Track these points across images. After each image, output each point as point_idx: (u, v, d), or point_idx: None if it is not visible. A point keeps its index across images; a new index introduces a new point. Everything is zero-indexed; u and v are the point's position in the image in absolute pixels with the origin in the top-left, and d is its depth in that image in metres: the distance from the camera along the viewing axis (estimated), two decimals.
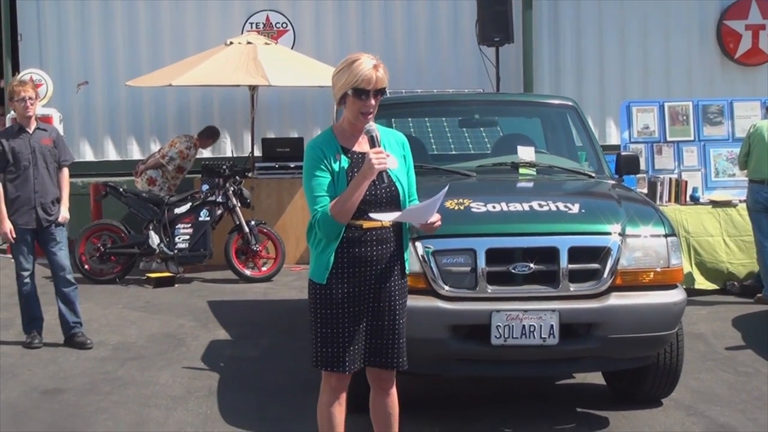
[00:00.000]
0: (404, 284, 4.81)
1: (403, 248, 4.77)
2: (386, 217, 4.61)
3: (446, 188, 4.71)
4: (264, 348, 8.45)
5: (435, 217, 4.63)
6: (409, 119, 9.12)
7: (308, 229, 4.74)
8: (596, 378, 7.04)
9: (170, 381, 7.36)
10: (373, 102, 4.59)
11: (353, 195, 4.51)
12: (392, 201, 4.64)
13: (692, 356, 7.73)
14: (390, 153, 4.64)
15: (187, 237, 12.02)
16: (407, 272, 4.84)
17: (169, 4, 15.01)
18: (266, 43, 13.54)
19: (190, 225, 12.07)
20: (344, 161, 4.61)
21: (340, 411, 4.86)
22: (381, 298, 4.70)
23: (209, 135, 13.70)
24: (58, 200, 8.42)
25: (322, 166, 4.58)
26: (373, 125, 4.63)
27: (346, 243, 4.61)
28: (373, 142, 4.58)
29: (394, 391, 4.92)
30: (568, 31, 15.39)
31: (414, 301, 5.68)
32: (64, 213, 8.42)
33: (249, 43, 13.35)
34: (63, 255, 8.43)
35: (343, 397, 4.87)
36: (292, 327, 9.25)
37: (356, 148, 4.68)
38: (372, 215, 4.58)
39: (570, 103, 8.25)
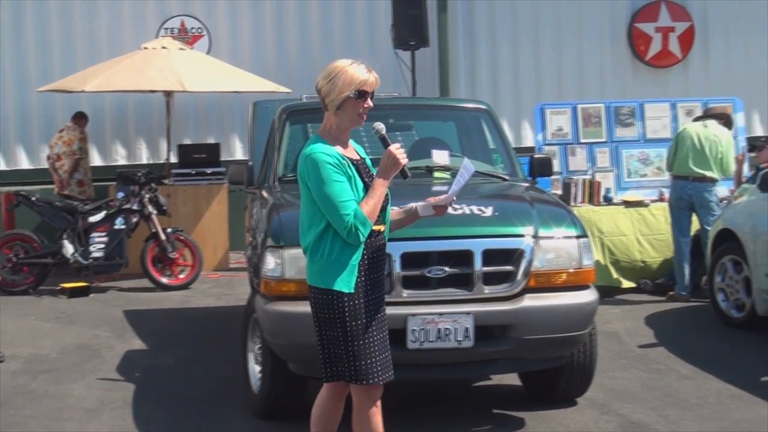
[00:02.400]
0: None
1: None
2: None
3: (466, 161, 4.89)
4: (181, 357, 8.37)
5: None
6: None
7: (315, 239, 4.56)
8: (512, 379, 7.10)
9: (84, 393, 7.24)
10: (371, 102, 4.60)
11: (382, 194, 4.54)
12: (386, 204, 4.66)
13: (606, 355, 7.84)
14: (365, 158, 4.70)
15: (103, 246, 11.86)
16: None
17: (81, 7, 14.79)
18: (181, 48, 13.44)
19: (105, 233, 11.91)
20: (352, 167, 4.58)
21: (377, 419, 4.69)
22: (384, 303, 4.69)
23: (81, 116, 13.74)
24: None
25: (341, 172, 4.50)
26: (381, 125, 4.68)
27: (365, 249, 4.55)
28: (385, 141, 4.63)
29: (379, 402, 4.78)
30: (483, 35, 15.53)
31: None
32: None
33: (164, 47, 13.24)
34: None
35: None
36: (210, 335, 9.19)
37: (347, 154, 4.62)
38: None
39: (484, 107, 8.32)
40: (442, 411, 6.68)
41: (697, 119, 10.62)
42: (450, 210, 5.63)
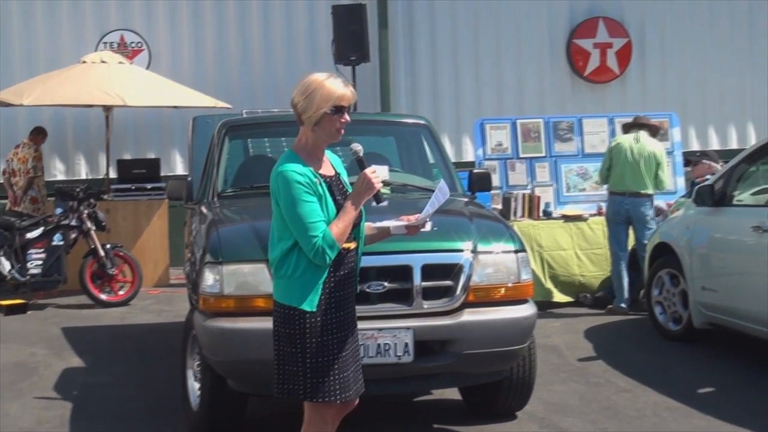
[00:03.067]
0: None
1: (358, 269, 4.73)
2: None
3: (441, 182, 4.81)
4: (119, 374, 8.29)
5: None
6: (266, 139, 9.09)
7: (281, 256, 4.47)
8: (452, 393, 7.11)
9: (20, 412, 7.14)
10: (348, 117, 4.55)
11: (353, 216, 4.45)
12: (359, 221, 4.61)
13: (546, 368, 7.90)
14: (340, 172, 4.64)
15: (40, 262, 11.73)
16: (357, 292, 4.74)
17: (18, 20, 14.63)
18: (120, 62, 13.34)
19: (43, 250, 11.77)
20: (324, 185, 4.49)
21: None
22: (354, 320, 4.64)
23: (38, 132, 13.62)
24: None
25: (311, 192, 4.41)
26: (356, 144, 4.63)
27: (331, 267, 4.48)
28: (362, 163, 4.56)
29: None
30: (423, 50, 15.61)
31: (270, 323, 5.68)
32: None
33: (103, 61, 13.14)
34: None
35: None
36: (150, 351, 9.11)
37: (323, 172, 4.54)
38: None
39: (423, 122, 8.36)
40: (383, 427, 6.68)
41: (626, 128, 10.73)
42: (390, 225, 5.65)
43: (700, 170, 10.62)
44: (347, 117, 4.54)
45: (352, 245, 4.59)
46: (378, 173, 4.49)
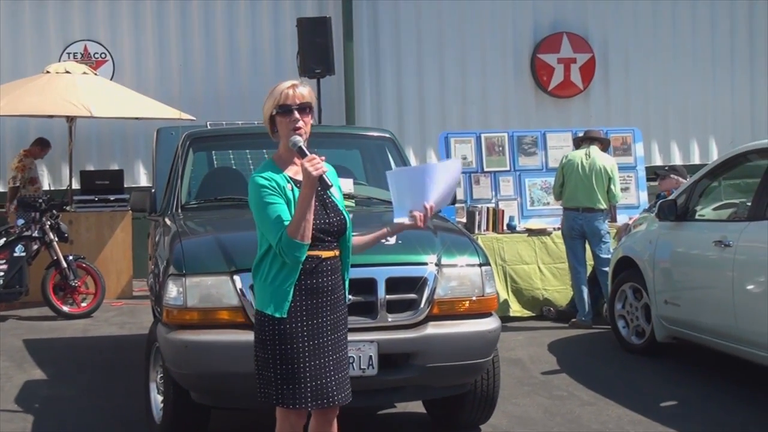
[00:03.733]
0: (346, 313, 4.77)
1: (345, 277, 4.74)
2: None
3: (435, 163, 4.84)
4: (82, 387, 8.22)
5: (431, 202, 4.71)
6: (230, 151, 9.08)
7: (256, 263, 4.57)
8: (416, 406, 7.11)
9: None
10: (298, 116, 4.53)
11: (305, 209, 4.40)
12: (342, 228, 4.63)
13: (509, 381, 7.92)
14: (325, 158, 4.57)
15: (2, 273, 11.62)
16: (347, 301, 4.78)
17: None
18: (84, 73, 13.25)
19: (4, 261, 11.66)
20: (296, 190, 4.52)
21: None
22: (336, 328, 4.64)
23: (39, 144, 13.68)
24: None
25: (276, 194, 4.48)
26: (298, 137, 4.53)
27: (303, 274, 4.50)
28: (302, 152, 4.49)
29: (335, 421, 4.84)
30: (388, 64, 15.65)
31: (233, 336, 5.68)
32: None
33: (67, 71, 13.05)
34: None
35: None
36: (113, 364, 9.05)
37: (299, 177, 4.55)
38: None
39: (388, 135, 8.38)
40: None
41: (577, 142, 10.81)
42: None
43: (668, 184, 10.69)
44: (297, 115, 4.54)
45: (328, 254, 4.60)
46: (320, 163, 4.43)
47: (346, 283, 4.77)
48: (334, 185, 4.66)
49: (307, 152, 4.48)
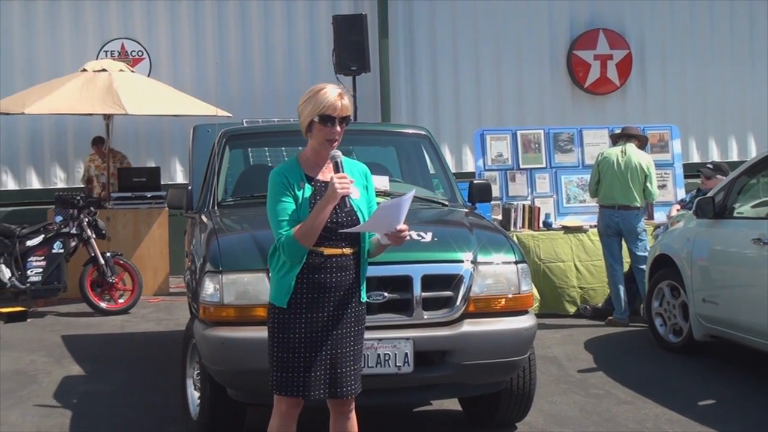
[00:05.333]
0: (362, 311, 4.82)
1: (361, 276, 4.79)
2: (354, 230, 4.66)
3: (413, 192, 4.78)
4: (119, 383, 8.27)
5: (402, 226, 4.67)
6: (266, 149, 9.11)
7: (270, 253, 4.75)
8: (452, 404, 7.10)
9: (20, 420, 7.13)
10: (338, 129, 4.66)
11: (317, 219, 4.56)
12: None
13: (546, 380, 7.89)
14: (354, 184, 4.69)
15: (40, 270, 11.71)
16: (363, 300, 4.82)
17: (20, 29, 14.66)
18: (121, 70, 13.31)
19: (43, 257, 11.76)
20: (308, 189, 4.68)
21: None
22: (340, 324, 4.71)
23: (95, 142, 14.02)
24: None
25: (287, 192, 4.65)
26: (338, 152, 4.67)
27: (307, 269, 4.64)
28: (337, 168, 4.62)
29: (353, 414, 4.91)
30: (423, 61, 15.63)
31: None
32: None
33: (104, 69, 13.12)
34: None
35: (293, 424, 4.82)
36: (150, 360, 9.10)
37: (320, 177, 4.74)
38: (343, 231, 4.63)
39: (423, 133, 8.37)
40: None
41: (614, 139, 10.74)
42: None
43: (712, 184, 10.60)
44: (338, 128, 4.66)
45: (333, 251, 4.66)
46: (349, 184, 4.54)
47: (363, 281, 4.82)
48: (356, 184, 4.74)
49: (341, 168, 4.62)
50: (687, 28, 16.30)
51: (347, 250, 4.70)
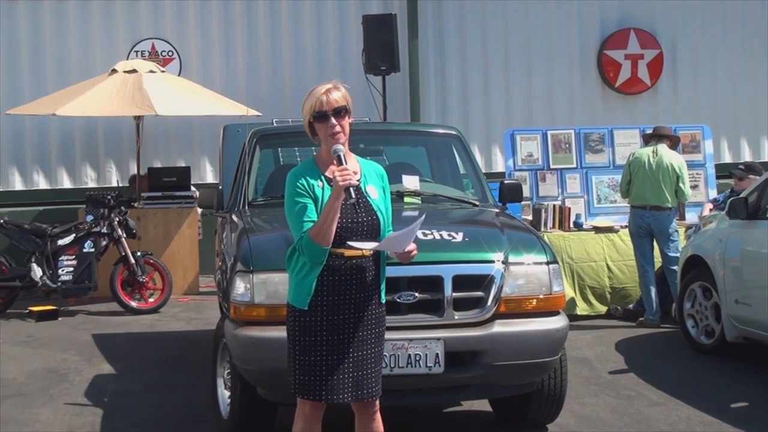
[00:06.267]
0: (382, 312, 4.84)
1: (380, 276, 4.81)
2: (366, 246, 4.66)
3: (422, 217, 4.79)
4: (149, 381, 8.30)
5: (411, 246, 4.70)
6: (296, 148, 9.11)
7: (288, 254, 4.76)
8: (483, 405, 7.07)
9: (51, 418, 7.17)
10: (334, 122, 4.66)
11: (327, 216, 4.56)
12: (373, 229, 4.72)
13: (577, 381, 7.85)
14: (357, 172, 4.71)
15: (71, 269, 11.77)
16: (383, 301, 4.84)
17: (51, 29, 14.73)
18: (151, 71, 13.35)
19: (74, 256, 11.82)
20: (327, 189, 4.68)
21: None
22: (361, 326, 4.72)
23: None
24: None
25: (304, 193, 4.67)
26: (340, 146, 4.68)
27: (327, 271, 4.65)
28: (340, 161, 4.63)
29: (378, 415, 4.91)
30: (453, 61, 15.59)
31: None
32: None
33: (134, 70, 13.17)
34: None
35: (318, 425, 4.83)
36: (180, 359, 9.13)
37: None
38: (351, 244, 4.63)
39: (454, 132, 8.34)
40: None
41: (646, 139, 10.67)
42: (420, 235, 5.66)
43: (745, 185, 10.52)
44: (333, 121, 4.67)
45: (353, 252, 4.67)
46: (350, 175, 4.56)
47: (383, 283, 4.83)
48: (373, 185, 4.79)
49: (344, 162, 4.62)
50: (719, 27, 16.17)
51: (366, 251, 4.71)
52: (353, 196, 4.61)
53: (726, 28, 16.17)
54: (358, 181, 4.69)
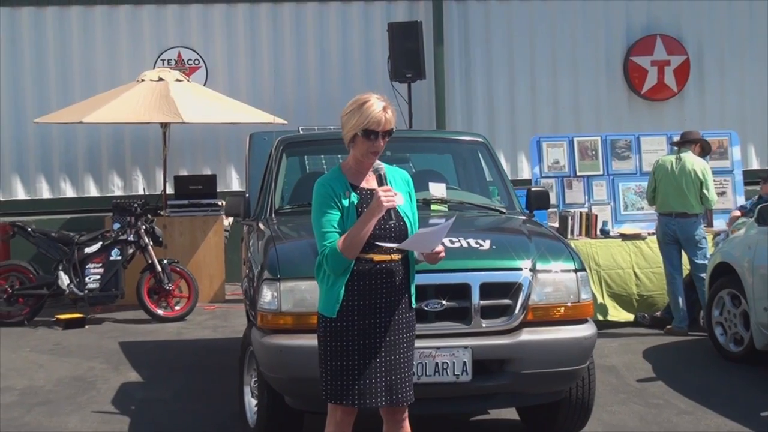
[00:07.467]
0: (412, 317, 4.83)
1: (410, 281, 4.80)
2: (394, 245, 4.65)
3: (453, 218, 4.79)
4: (176, 390, 8.31)
5: (440, 247, 4.71)
6: (322, 156, 9.12)
7: (317, 265, 4.73)
8: (510, 413, 7.05)
9: (79, 426, 7.19)
10: (381, 143, 4.67)
11: (362, 230, 4.57)
12: (400, 235, 4.70)
13: (604, 389, 7.81)
14: (398, 191, 4.71)
15: (98, 277, 11.82)
16: (413, 305, 4.84)
17: (78, 38, 14.84)
18: (178, 80, 13.41)
19: (101, 264, 11.86)
20: (354, 197, 4.69)
21: None
22: (392, 330, 4.71)
23: None
24: None
25: (332, 203, 4.66)
26: (381, 164, 4.72)
27: (356, 276, 4.65)
28: (381, 180, 4.67)
29: (407, 423, 4.89)
30: (479, 68, 15.57)
31: None
32: None
33: (161, 79, 13.23)
34: None
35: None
36: (206, 367, 9.14)
37: (364, 185, 4.76)
38: (379, 244, 4.62)
39: (480, 140, 8.31)
40: None
41: (675, 144, 10.59)
42: (447, 243, 5.63)
43: None
44: (381, 142, 4.66)
45: (382, 257, 4.66)
46: (394, 197, 4.56)
47: (412, 287, 4.82)
48: (399, 192, 4.74)
49: (385, 182, 4.65)
50: (745, 33, 16.05)
51: (395, 256, 4.70)
52: (393, 217, 4.63)
53: (753, 34, 16.00)
54: (400, 201, 4.69)
